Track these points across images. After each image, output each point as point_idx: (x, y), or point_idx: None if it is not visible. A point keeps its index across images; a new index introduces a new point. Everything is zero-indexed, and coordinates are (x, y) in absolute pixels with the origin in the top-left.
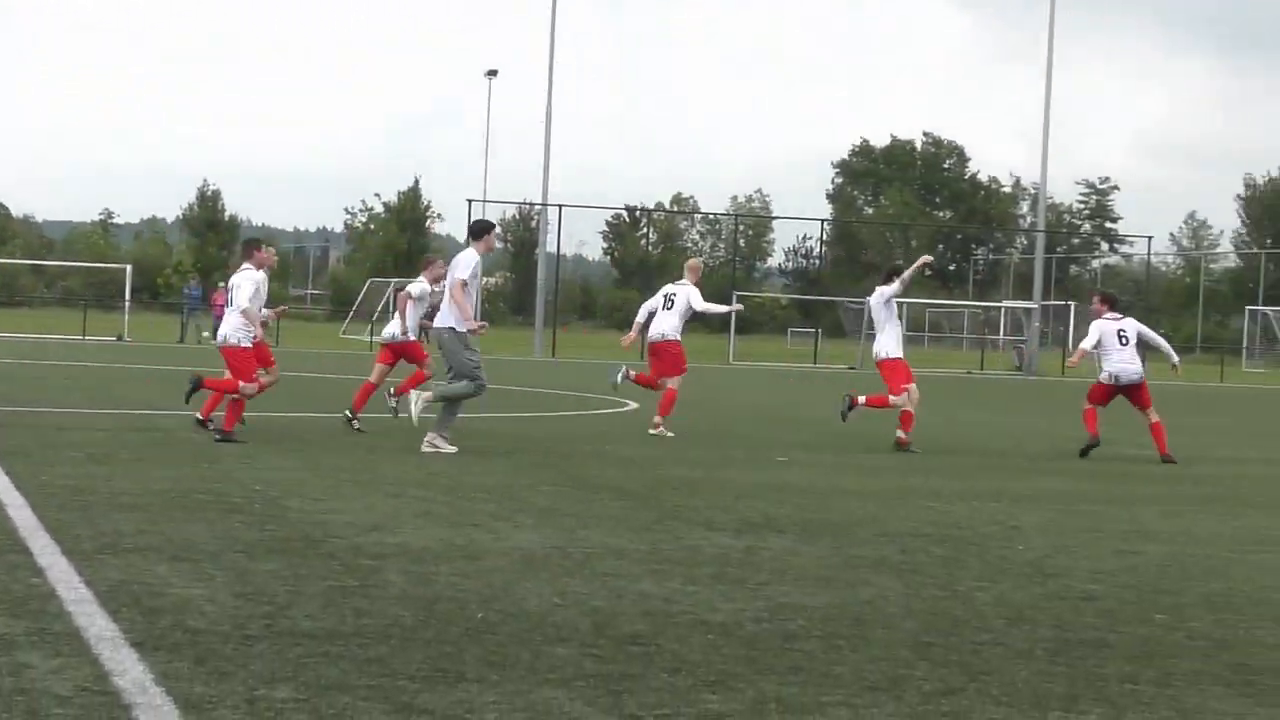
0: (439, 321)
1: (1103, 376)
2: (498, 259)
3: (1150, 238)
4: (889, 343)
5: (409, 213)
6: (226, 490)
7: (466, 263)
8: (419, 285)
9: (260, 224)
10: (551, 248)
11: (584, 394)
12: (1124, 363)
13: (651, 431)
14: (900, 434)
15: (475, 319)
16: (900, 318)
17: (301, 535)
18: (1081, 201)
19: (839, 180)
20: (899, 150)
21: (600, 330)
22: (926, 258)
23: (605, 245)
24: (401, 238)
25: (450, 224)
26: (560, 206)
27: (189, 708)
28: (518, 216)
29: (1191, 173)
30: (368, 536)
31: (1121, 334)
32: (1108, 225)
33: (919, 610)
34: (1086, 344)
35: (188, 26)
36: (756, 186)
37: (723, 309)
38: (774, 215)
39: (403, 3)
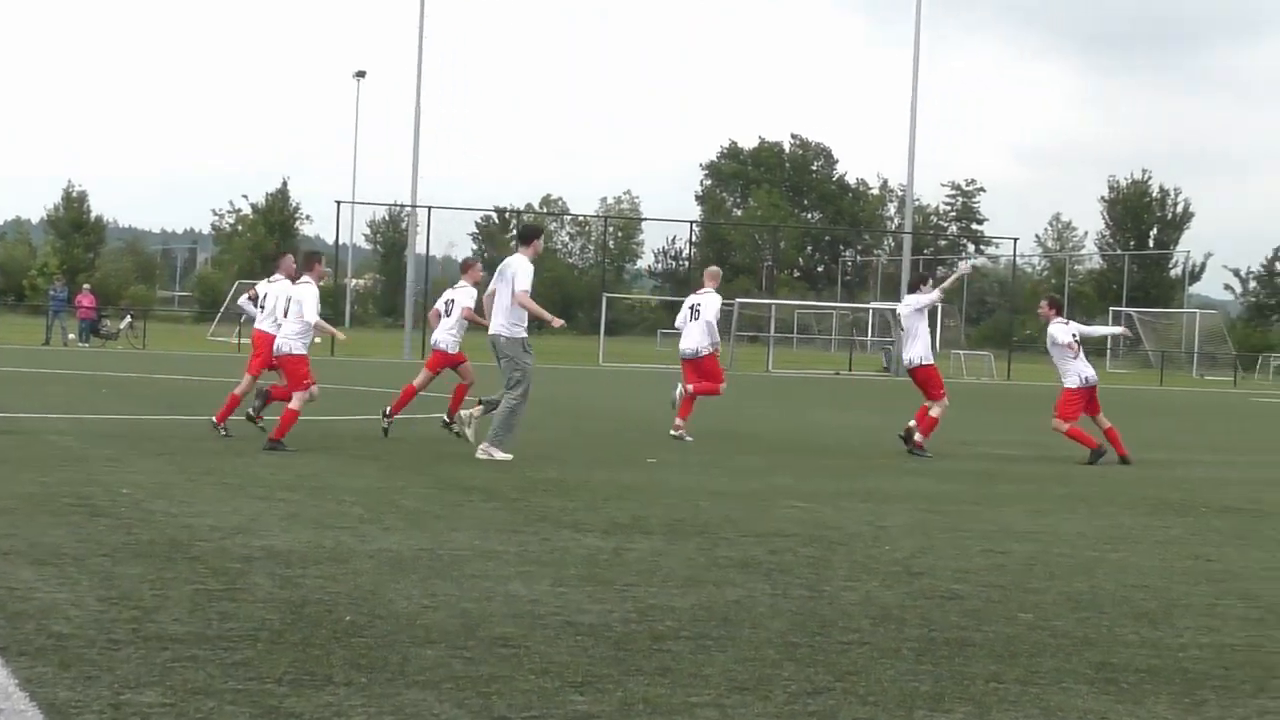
0: (497, 329)
1: (1075, 383)
2: (367, 260)
3: (1016, 239)
4: (922, 350)
5: (277, 214)
6: (92, 494)
7: (526, 271)
8: (469, 291)
9: (127, 225)
10: (420, 249)
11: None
12: (1087, 365)
13: (672, 433)
14: (919, 437)
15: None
16: (931, 325)
17: (168, 539)
18: (948, 203)
19: (708, 182)
20: (767, 152)
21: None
22: (965, 267)
23: (475, 247)
24: (269, 239)
25: (319, 225)
26: (429, 208)
27: (54, 712)
28: (387, 218)
29: (1056, 175)
30: (234, 539)
31: (1075, 337)
32: (974, 227)
33: (786, 610)
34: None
35: (52, 25)
36: (625, 188)
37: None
38: (643, 217)
39: (271, 3)
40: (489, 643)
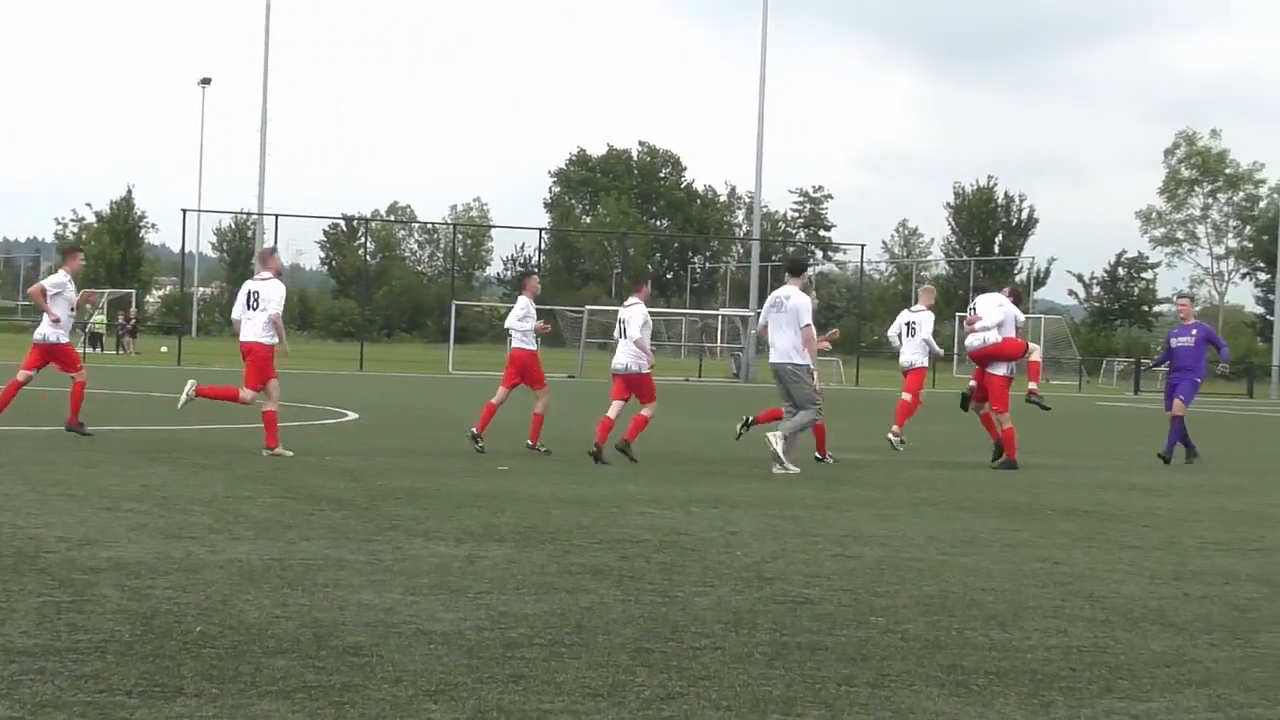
0: (784, 358)
1: (1006, 371)
2: (214, 269)
3: (863, 246)
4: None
5: (122, 222)
6: None
7: (807, 306)
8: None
9: None
10: None
11: (303, 404)
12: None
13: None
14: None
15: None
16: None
17: (14, 550)
18: (796, 210)
19: (556, 189)
20: (615, 159)
21: (318, 339)
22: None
23: (323, 255)
24: (115, 248)
25: (164, 234)
26: (276, 216)
27: None
28: (233, 226)
29: (902, 182)
30: (81, 551)
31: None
32: (821, 233)
33: (639, 616)
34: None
35: None
36: (474, 195)
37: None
38: (492, 224)
39: (115, 9)
40: (341, 652)
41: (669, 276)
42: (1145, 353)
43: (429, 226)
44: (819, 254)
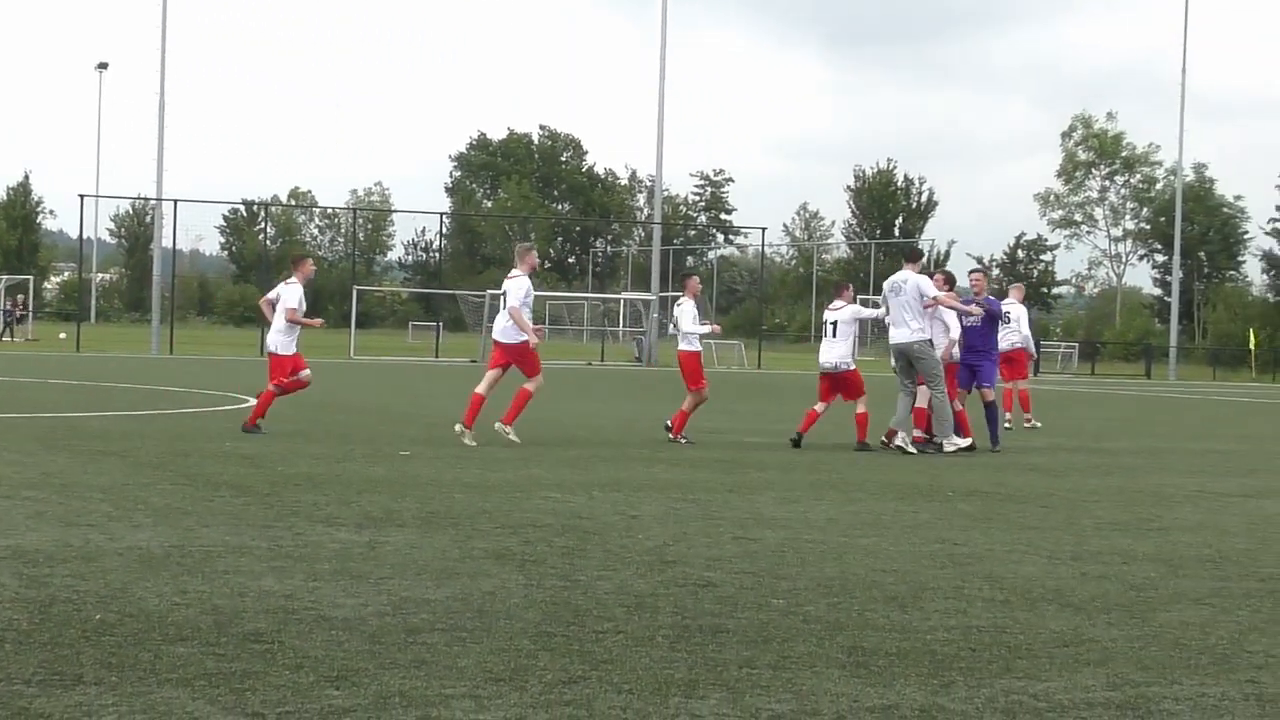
0: (909, 337)
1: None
2: (112, 255)
3: (764, 229)
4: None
5: (19, 209)
6: None
7: (928, 283)
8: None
9: None
10: (167, 243)
11: (203, 391)
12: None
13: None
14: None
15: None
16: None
17: None
18: (697, 194)
19: (457, 173)
20: (516, 144)
21: (218, 325)
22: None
23: (222, 240)
24: (11, 234)
25: (62, 220)
26: (175, 201)
27: None
28: (131, 211)
29: (803, 165)
30: None
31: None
32: (723, 217)
33: (541, 601)
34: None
35: None
36: (375, 180)
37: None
38: (393, 209)
39: None
40: (242, 639)
41: (571, 260)
42: (1045, 334)
43: (330, 211)
44: (719, 237)
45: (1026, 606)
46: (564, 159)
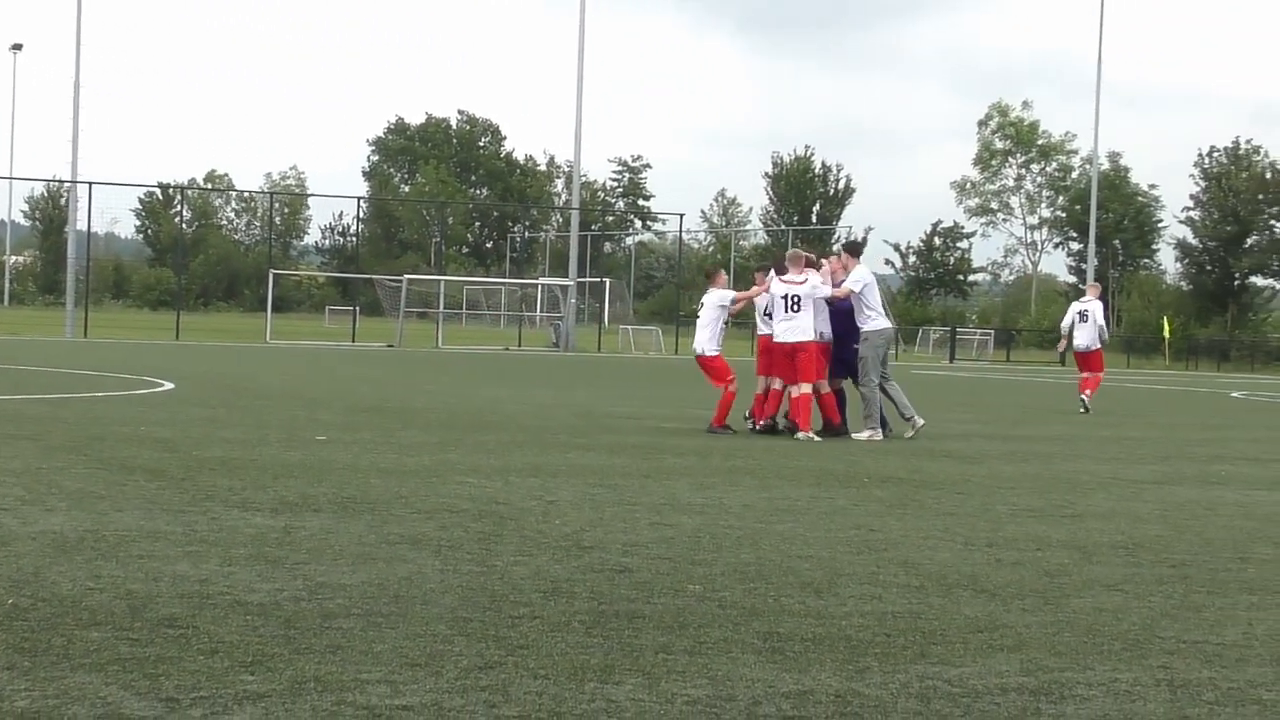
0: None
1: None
2: (26, 238)
3: (682, 215)
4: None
5: None
6: None
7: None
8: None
9: None
10: (82, 225)
11: (118, 374)
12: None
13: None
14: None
15: None
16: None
17: None
18: (615, 179)
19: (375, 157)
20: (434, 128)
21: (134, 309)
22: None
23: (138, 223)
24: None
25: None
26: (90, 184)
27: None
28: (46, 194)
29: (722, 151)
30: None
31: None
32: (641, 203)
33: (457, 586)
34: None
35: None
36: (291, 164)
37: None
38: (310, 193)
39: None
40: (156, 623)
41: (489, 246)
42: (961, 321)
43: (246, 195)
44: (637, 223)
45: (941, 592)
46: (482, 144)
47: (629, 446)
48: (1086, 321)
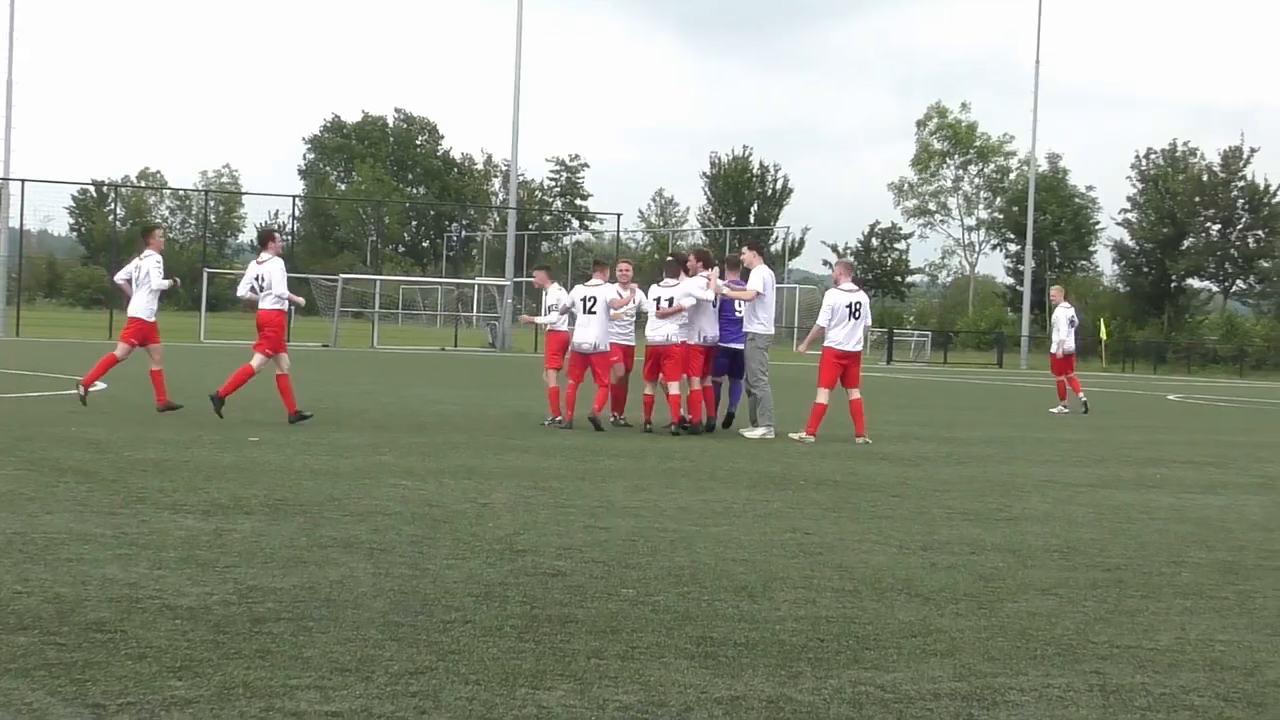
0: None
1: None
2: None
3: (619, 215)
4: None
5: None
6: None
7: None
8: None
9: None
10: (15, 223)
11: (51, 374)
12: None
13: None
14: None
15: None
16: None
17: None
18: (552, 179)
19: (311, 156)
20: (371, 126)
21: (67, 307)
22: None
23: (71, 221)
24: None
25: None
26: (23, 181)
27: None
28: None
29: (659, 151)
30: None
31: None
32: (578, 202)
33: (389, 590)
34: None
35: None
36: (225, 161)
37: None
38: (245, 191)
39: None
40: (84, 628)
41: (425, 245)
42: (898, 323)
43: (180, 193)
44: (575, 223)
45: (875, 596)
46: (419, 142)
47: (564, 448)
48: (1073, 327)
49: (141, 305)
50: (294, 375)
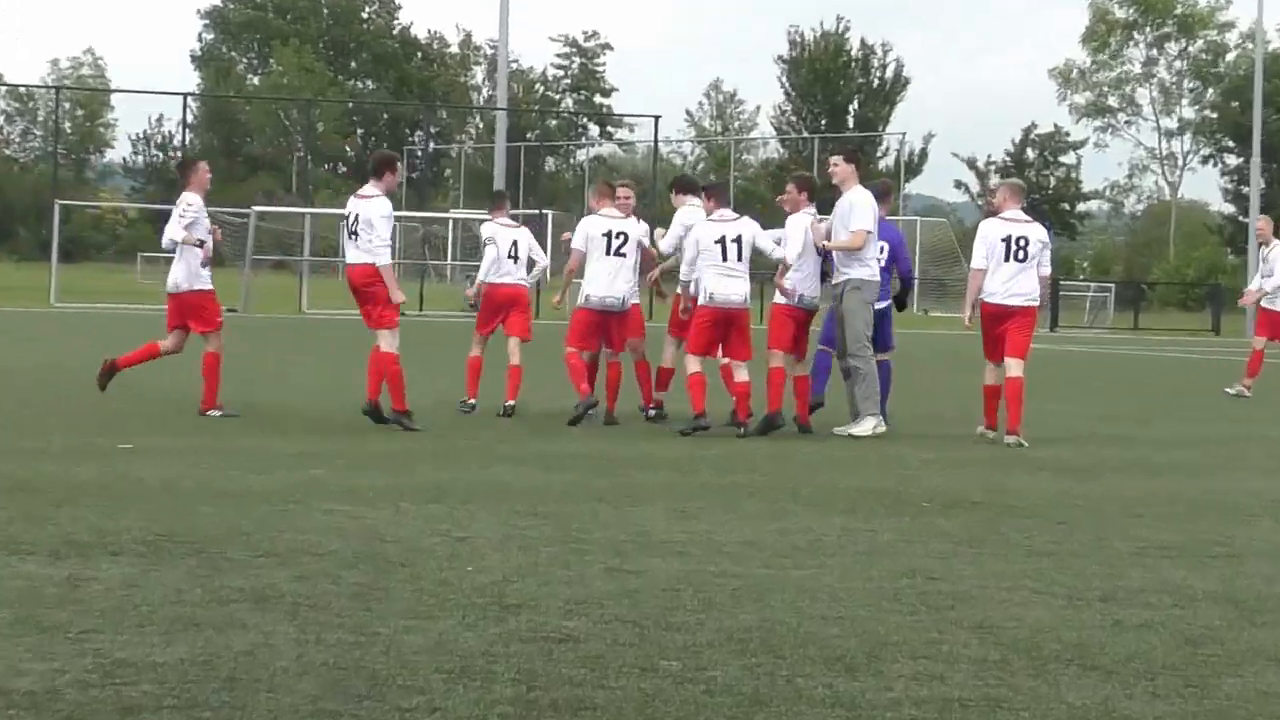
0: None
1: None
2: None
3: (658, 118)
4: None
5: None
6: None
7: None
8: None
9: None
10: None
11: None
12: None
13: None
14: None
15: None
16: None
17: None
18: (560, 67)
19: (210, 37)
20: None
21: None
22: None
23: None
24: None
25: None
26: None
27: None
28: None
29: (714, 26)
30: None
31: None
32: (599, 100)
33: (320, 664)
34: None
35: None
36: (86, 46)
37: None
38: (114, 88)
39: None
40: None
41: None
42: (1068, 271)
43: (21, 91)
44: (594, 130)
45: (1033, 671)
46: (365, 17)
47: (576, 456)
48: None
49: (178, 273)
50: (187, 352)
